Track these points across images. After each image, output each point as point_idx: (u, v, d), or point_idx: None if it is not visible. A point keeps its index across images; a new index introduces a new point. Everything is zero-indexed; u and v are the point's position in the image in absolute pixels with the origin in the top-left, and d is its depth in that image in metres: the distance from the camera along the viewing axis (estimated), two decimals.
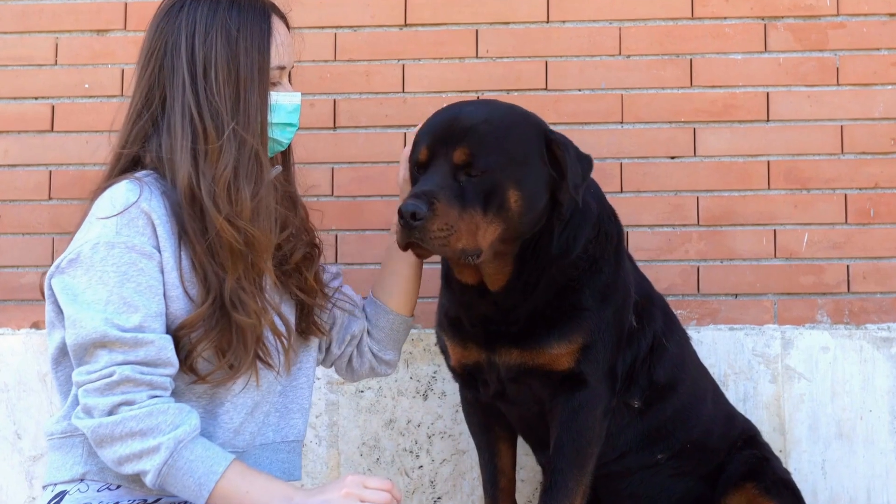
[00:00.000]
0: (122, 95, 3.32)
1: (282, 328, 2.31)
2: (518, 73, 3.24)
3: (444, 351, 2.70)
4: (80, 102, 3.37)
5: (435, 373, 3.18)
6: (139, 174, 2.22)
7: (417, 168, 2.41)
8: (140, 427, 2.07)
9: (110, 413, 2.08)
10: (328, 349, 2.54)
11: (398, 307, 2.57)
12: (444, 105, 2.53)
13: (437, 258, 3.09)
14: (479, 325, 2.51)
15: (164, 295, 2.17)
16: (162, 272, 2.16)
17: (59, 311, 2.19)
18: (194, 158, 2.18)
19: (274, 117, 2.31)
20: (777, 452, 2.90)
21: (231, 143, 2.19)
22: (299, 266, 2.39)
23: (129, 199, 2.15)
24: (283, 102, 2.34)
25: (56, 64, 3.38)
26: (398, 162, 3.22)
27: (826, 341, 3.14)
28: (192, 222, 2.17)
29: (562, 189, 2.41)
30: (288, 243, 2.36)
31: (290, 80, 2.41)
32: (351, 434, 3.19)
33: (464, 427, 2.99)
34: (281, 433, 2.37)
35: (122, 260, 2.12)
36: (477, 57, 3.30)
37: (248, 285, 2.20)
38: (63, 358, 2.23)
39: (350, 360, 2.58)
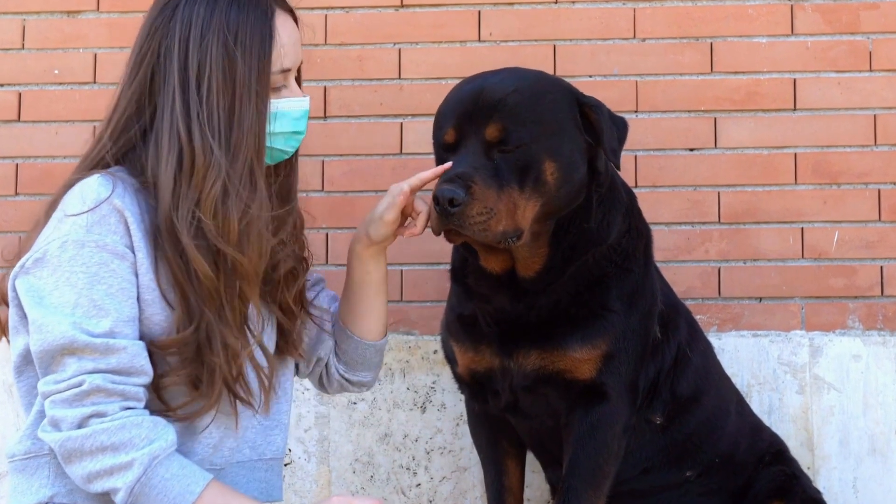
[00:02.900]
0: (94, 83, 3.32)
1: (263, 362, 2.28)
2: (524, 58, 3.20)
3: (450, 359, 2.68)
4: (50, 89, 3.34)
5: (434, 383, 3.16)
6: (111, 168, 2.18)
7: (444, 149, 2.41)
8: (112, 441, 2.04)
9: (80, 426, 2.04)
10: (297, 366, 2.53)
11: (365, 333, 2.52)
12: (460, 82, 2.52)
13: (437, 258, 3.07)
14: (496, 324, 2.51)
15: (138, 298, 2.13)
16: (136, 274, 2.13)
17: (23, 316, 2.14)
18: (176, 179, 2.13)
19: (277, 126, 2.26)
20: (805, 469, 2.88)
21: (221, 162, 2.14)
22: (285, 280, 2.35)
23: (101, 194, 2.11)
24: (288, 109, 2.29)
25: (23, 48, 3.35)
26: (394, 154, 3.23)
27: (858, 349, 3.11)
28: (170, 248, 2.13)
29: (598, 156, 2.45)
30: (276, 254, 2.31)
31: (299, 80, 2.35)
32: (343, 449, 3.16)
33: (465, 442, 2.98)
34: (258, 450, 2.34)
35: (93, 260, 2.08)
36: (479, 40, 3.28)
37: (229, 316, 2.17)
38: (26, 367, 2.18)
39: (320, 378, 2.57)
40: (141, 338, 2.12)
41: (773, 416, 3.08)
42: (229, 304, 2.16)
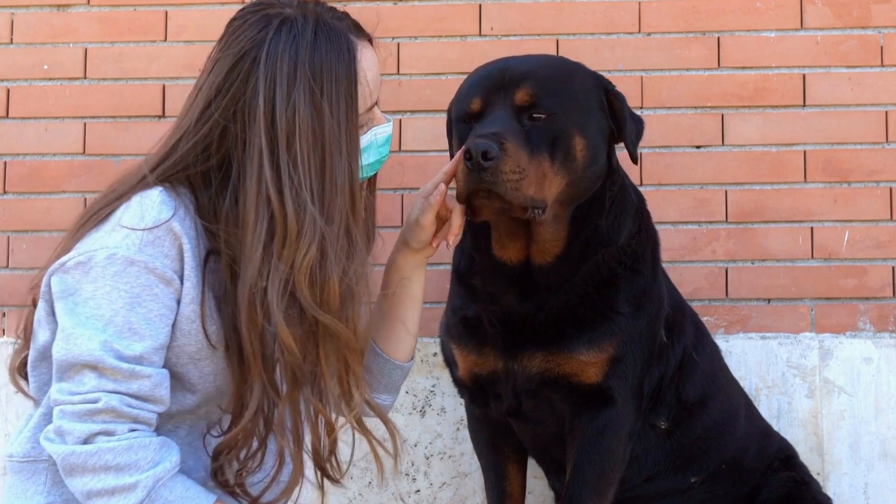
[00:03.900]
0: (84, 78, 3.31)
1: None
2: (526, 53, 3.14)
3: (449, 362, 2.66)
4: (39, 85, 3.32)
5: (433, 386, 3.14)
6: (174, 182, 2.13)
7: (468, 120, 2.40)
8: (117, 461, 2.02)
9: (86, 441, 2.01)
10: None
11: (395, 352, 2.46)
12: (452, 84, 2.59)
13: (436, 258, 3.04)
14: (501, 324, 2.49)
15: (174, 325, 2.10)
16: (178, 302, 2.09)
17: (51, 312, 2.12)
18: (266, 250, 2.06)
19: (364, 159, 2.21)
20: (814, 475, 2.87)
21: (316, 224, 2.06)
22: None
23: (161, 215, 2.06)
24: (374, 138, 2.26)
25: (11, 42, 3.34)
26: (392, 151, 3.18)
27: (869, 351, 3.10)
28: (248, 324, 2.06)
29: (613, 152, 2.49)
30: None
31: (377, 103, 2.29)
32: (340, 454, 3.10)
33: (465, 447, 2.96)
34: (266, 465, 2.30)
35: (138, 281, 2.04)
36: (480, 35, 3.27)
37: (328, 389, 2.12)
38: (42, 361, 2.16)
39: None
40: (163, 365, 2.09)
41: (781, 420, 3.07)
42: (330, 376, 2.12)
